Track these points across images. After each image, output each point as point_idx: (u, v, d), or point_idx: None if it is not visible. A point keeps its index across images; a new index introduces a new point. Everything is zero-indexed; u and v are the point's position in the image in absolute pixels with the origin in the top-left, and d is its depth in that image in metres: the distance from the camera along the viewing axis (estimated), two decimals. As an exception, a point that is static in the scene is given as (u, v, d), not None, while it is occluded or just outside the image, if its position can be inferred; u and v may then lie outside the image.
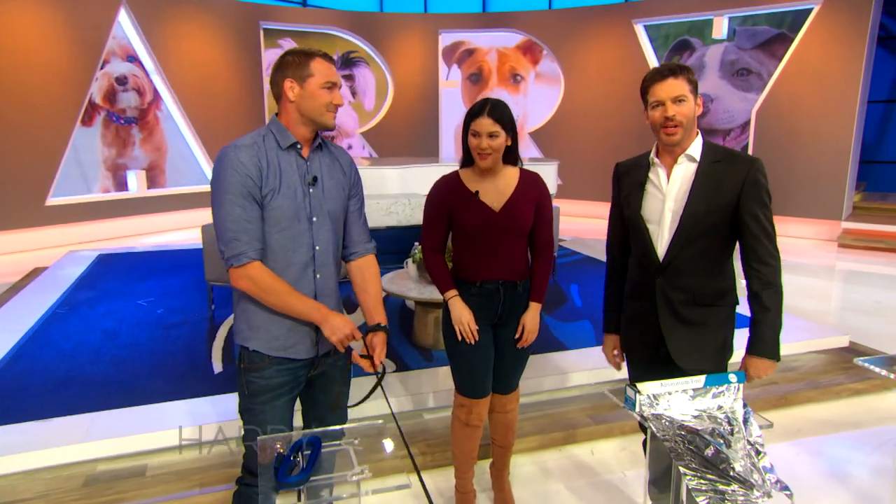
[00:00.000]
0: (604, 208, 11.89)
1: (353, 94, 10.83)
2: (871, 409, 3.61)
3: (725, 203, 1.95)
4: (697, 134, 2.02)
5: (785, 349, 3.63)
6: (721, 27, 8.72)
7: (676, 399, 1.69)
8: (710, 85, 8.94)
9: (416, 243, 4.08)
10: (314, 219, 1.85)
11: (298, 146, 1.84)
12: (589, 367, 3.66)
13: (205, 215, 9.29)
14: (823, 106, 8.04)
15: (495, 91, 10.93)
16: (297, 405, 2.08)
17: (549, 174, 7.86)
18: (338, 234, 1.95)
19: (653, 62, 9.43)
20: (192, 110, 9.36)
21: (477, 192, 2.31)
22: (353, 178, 2.01)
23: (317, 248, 1.87)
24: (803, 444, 3.22)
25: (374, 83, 10.92)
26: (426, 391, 3.37)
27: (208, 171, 9.66)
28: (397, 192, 6.15)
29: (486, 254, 2.33)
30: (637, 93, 1.93)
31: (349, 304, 4.77)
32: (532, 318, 2.40)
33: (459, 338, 2.36)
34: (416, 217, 5.61)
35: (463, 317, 2.33)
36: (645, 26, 9.43)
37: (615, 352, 2.30)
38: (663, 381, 1.69)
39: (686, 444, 1.53)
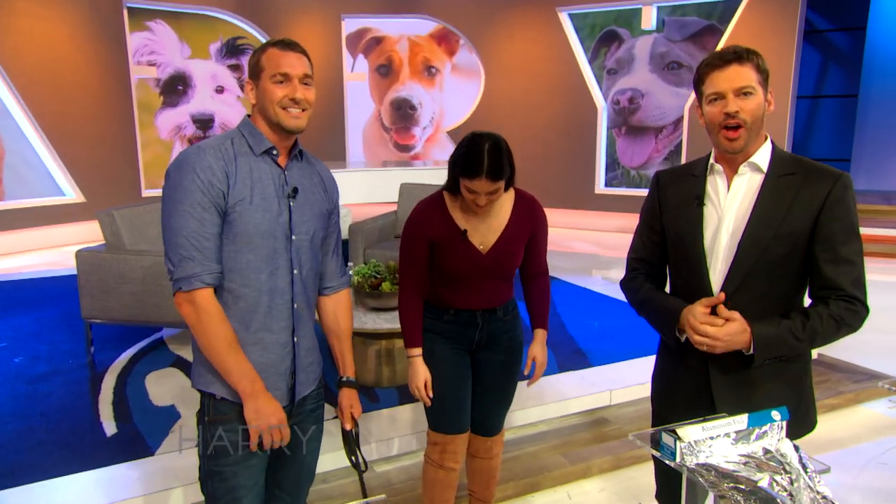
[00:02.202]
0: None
1: (243, 87, 10.39)
2: (846, 426, 3.81)
3: (799, 229, 1.70)
4: (766, 138, 1.77)
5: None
6: (650, 17, 9.14)
7: (718, 444, 1.64)
8: (641, 79, 9.33)
9: (350, 263, 3.90)
10: (293, 237, 1.76)
11: (274, 152, 1.74)
12: (556, 399, 3.62)
13: (63, 234, 8.52)
14: (756, 102, 8.60)
15: (407, 85, 10.86)
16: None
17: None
18: (319, 259, 1.88)
19: (579, 54, 9.73)
20: (38, 106, 8.56)
21: (465, 231, 2.22)
22: (335, 199, 1.92)
23: (295, 271, 1.77)
24: (789, 468, 3.33)
25: (266, 74, 10.54)
26: (375, 438, 3.20)
27: (61, 178, 8.86)
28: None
29: (466, 290, 2.29)
30: (565, 86, 1.78)
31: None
32: (541, 349, 2.35)
33: (417, 394, 2.29)
34: (336, 231, 5.41)
35: (418, 380, 2.28)
36: (570, 15, 9.72)
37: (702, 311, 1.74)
38: (704, 425, 1.63)
39: (747, 502, 1.47)
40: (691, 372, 1.89)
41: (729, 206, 1.78)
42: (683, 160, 9.13)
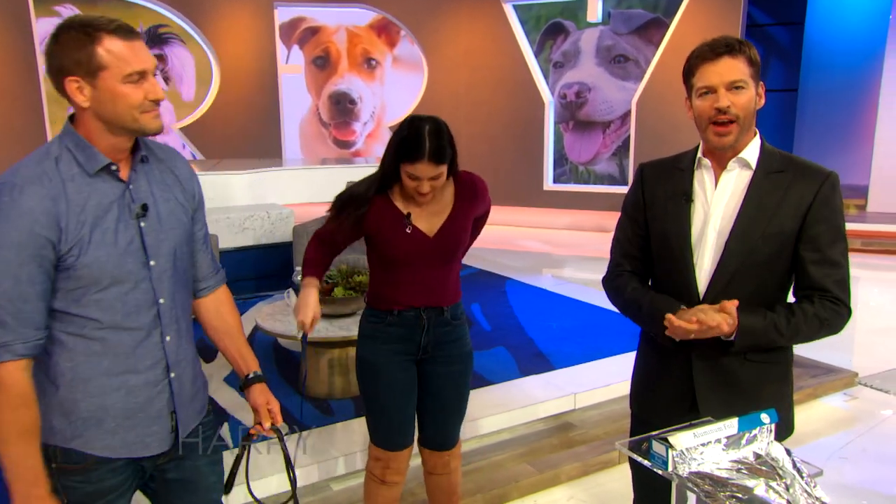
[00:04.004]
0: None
1: (167, 79, 10.01)
2: (806, 421, 3.94)
3: (786, 229, 1.73)
4: (755, 134, 1.78)
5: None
6: (595, 9, 9.29)
7: (709, 451, 1.64)
8: (587, 73, 9.48)
9: (297, 268, 3.78)
10: (152, 262, 1.55)
11: (113, 167, 1.50)
12: (520, 405, 3.61)
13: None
14: (702, 96, 8.86)
15: (346, 78, 10.71)
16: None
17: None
18: (187, 275, 1.69)
19: (525, 47, 9.81)
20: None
21: (409, 214, 2.19)
22: (196, 193, 1.72)
23: (161, 301, 1.58)
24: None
25: (192, 66, 10.18)
26: (332, 455, 3.12)
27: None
28: (248, 202, 5.77)
29: (410, 281, 2.25)
30: (511, 80, 1.78)
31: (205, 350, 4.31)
32: None
33: (299, 325, 2.20)
34: (278, 233, 5.27)
35: (306, 312, 2.17)
36: (514, 6, 9.78)
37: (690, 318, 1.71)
38: (695, 431, 1.63)
39: (746, 510, 1.48)
40: (674, 373, 1.90)
41: (716, 202, 1.79)
42: (632, 155, 9.33)
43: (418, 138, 2.04)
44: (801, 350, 4.67)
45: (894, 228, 8.26)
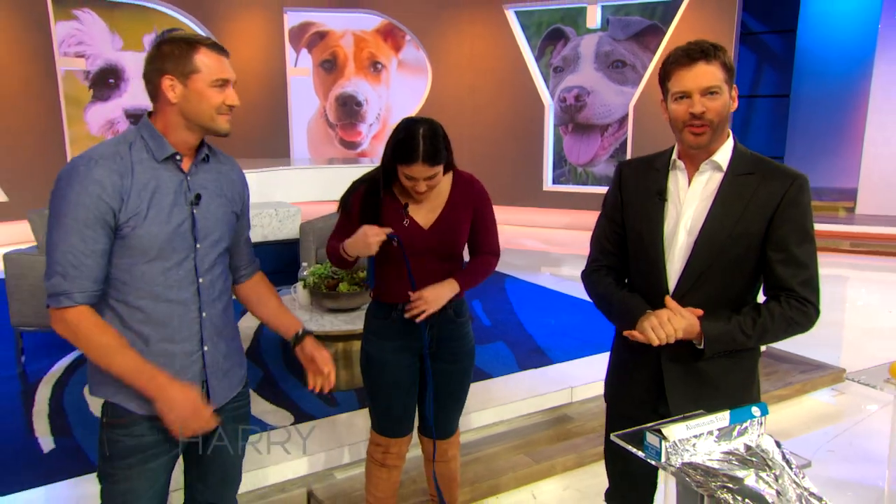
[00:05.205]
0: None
1: (179, 80, 10.02)
2: (795, 415, 3.95)
3: (753, 230, 1.72)
4: (728, 136, 1.78)
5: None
6: (595, 16, 9.28)
7: (702, 442, 1.64)
8: (586, 77, 9.47)
9: (304, 263, 3.79)
10: (198, 246, 1.73)
11: (178, 157, 1.70)
12: (517, 398, 3.61)
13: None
14: (697, 101, 8.84)
15: (353, 81, 10.71)
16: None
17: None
18: (226, 263, 1.87)
19: (526, 51, 9.80)
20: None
21: (406, 204, 2.19)
22: (245, 196, 1.92)
23: (201, 280, 1.75)
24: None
25: (204, 68, 10.20)
26: (336, 444, 3.12)
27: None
28: (257, 200, 5.77)
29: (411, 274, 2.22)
30: (512, 84, 1.78)
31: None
32: (436, 289, 2.17)
33: (377, 239, 2.10)
34: (286, 230, 5.27)
35: (368, 234, 2.08)
36: (516, 12, 9.77)
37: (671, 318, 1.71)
38: (688, 423, 1.63)
39: (735, 501, 1.47)
40: (644, 367, 1.90)
41: (688, 203, 1.79)
42: (629, 157, 9.32)
43: (412, 141, 2.04)
44: (790, 346, 4.69)
45: (882, 230, 8.25)
